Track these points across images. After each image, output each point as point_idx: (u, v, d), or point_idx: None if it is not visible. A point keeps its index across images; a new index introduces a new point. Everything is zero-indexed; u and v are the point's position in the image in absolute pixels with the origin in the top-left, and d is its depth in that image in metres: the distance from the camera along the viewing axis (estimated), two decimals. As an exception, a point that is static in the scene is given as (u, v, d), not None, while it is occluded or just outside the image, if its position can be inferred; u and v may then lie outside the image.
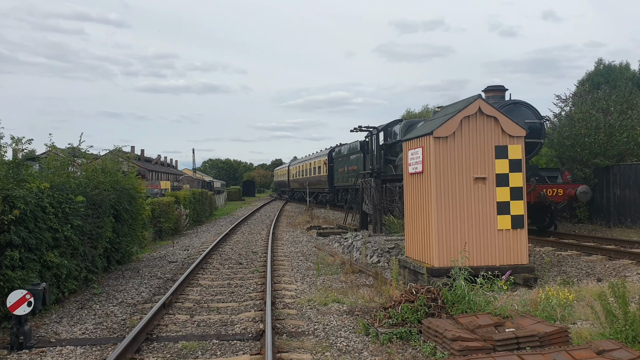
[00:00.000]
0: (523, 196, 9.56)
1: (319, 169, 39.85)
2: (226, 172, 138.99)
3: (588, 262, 10.90)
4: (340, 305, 8.38)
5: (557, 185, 15.28)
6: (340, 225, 21.85)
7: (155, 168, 73.96)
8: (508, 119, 9.64)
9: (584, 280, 9.51)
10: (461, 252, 8.73)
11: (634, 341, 5.53)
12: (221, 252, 15.61)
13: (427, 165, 9.55)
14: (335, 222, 23.64)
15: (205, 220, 29.19)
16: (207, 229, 24.10)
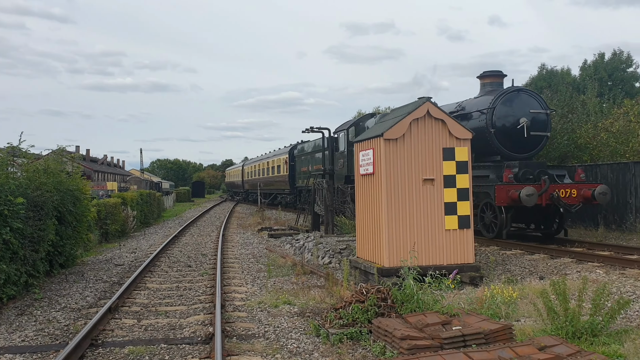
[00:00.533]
0: (469, 197, 9.82)
1: (278, 168, 36.87)
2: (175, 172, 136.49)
3: (531, 260, 11.28)
4: (292, 307, 8.36)
5: (571, 185, 13.17)
6: (292, 226, 21.82)
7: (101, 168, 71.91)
8: (455, 122, 9.88)
9: (527, 278, 9.83)
10: (410, 252, 8.87)
11: (573, 336, 5.76)
12: (170, 254, 15.31)
13: (378, 167, 9.66)
14: (287, 224, 23.60)
15: (154, 222, 28.58)
16: (155, 231, 23.60)
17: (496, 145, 14.03)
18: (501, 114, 14.03)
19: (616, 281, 8.46)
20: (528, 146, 14.23)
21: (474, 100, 15.05)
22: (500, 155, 14.22)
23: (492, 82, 15.10)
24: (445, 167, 9.74)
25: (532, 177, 13.46)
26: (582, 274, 9.23)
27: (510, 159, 13.98)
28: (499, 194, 12.59)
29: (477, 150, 13.79)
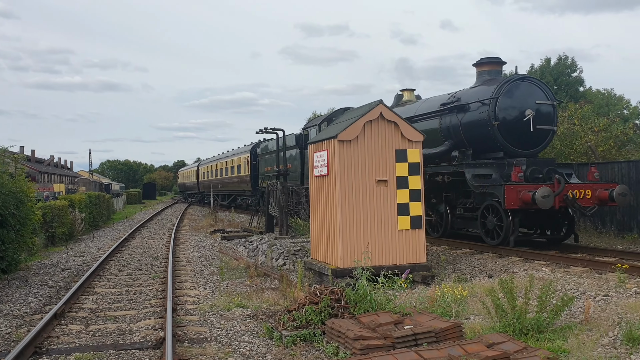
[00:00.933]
0: (421, 197, 9.98)
1: (238, 168, 33.92)
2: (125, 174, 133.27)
3: (480, 259, 11.56)
4: (244, 310, 8.28)
5: (585, 185, 11.67)
6: (245, 228, 21.65)
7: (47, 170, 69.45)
8: (407, 124, 10.02)
9: (476, 276, 10.06)
10: (364, 253, 8.94)
11: (520, 333, 5.92)
12: (119, 257, 14.92)
13: (332, 168, 9.70)
14: (241, 225, 23.40)
15: (103, 225, 27.82)
16: (105, 234, 22.97)
17: (499, 140, 12.53)
18: (505, 105, 12.51)
19: (561, 279, 8.76)
20: (533, 141, 12.79)
21: (471, 90, 13.59)
22: (503, 151, 12.73)
23: (490, 71, 13.58)
24: (398, 169, 9.86)
25: (541, 176, 12.05)
26: (529, 272, 9.51)
27: (515, 156, 12.58)
28: (508, 195, 11.03)
29: (476, 146, 13.16)
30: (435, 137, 13.84)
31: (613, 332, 5.92)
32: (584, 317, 6.45)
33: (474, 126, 12.98)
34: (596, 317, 6.54)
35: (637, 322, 6.05)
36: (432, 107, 14.45)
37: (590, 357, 5.32)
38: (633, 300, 7.02)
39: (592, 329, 6.12)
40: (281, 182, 17.30)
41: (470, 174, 12.28)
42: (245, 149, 33.13)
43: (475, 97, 13.07)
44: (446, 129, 13.74)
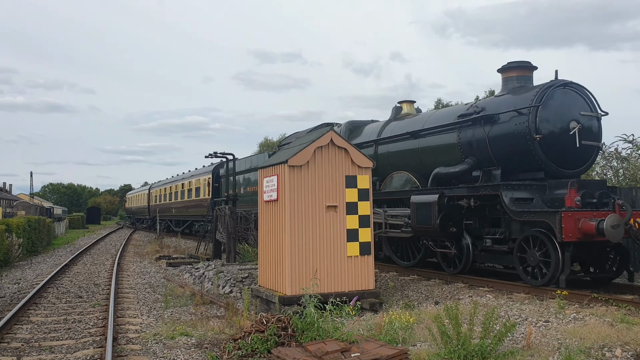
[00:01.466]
0: (370, 224, 10.06)
1: (197, 191, 30.91)
2: (69, 197, 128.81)
3: (427, 286, 11.68)
4: (189, 339, 8.04)
5: None
6: (192, 254, 21.20)
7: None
8: (357, 151, 10.13)
9: (423, 303, 10.15)
10: (312, 279, 8.88)
11: (465, 359, 5.98)
12: (58, 284, 14.28)
13: (282, 193, 9.66)
14: (187, 252, 22.90)
15: (42, 250, 26.64)
16: (44, 260, 21.99)
17: (540, 157, 10.35)
18: (547, 116, 10.38)
19: (504, 305, 8.94)
20: (578, 160, 10.81)
21: (499, 99, 11.54)
22: (544, 171, 10.56)
23: (519, 77, 11.45)
24: (347, 195, 9.92)
25: (594, 201, 9.79)
26: (473, 298, 9.67)
27: (556, 177, 10.47)
28: (566, 224, 8.90)
29: (508, 164, 10.98)
30: (451, 154, 11.91)
31: (553, 358, 6.06)
32: (526, 343, 6.58)
33: (507, 140, 10.81)
34: (537, 342, 6.69)
35: (575, 347, 6.22)
36: (446, 118, 12.31)
37: (532, 382, 5.41)
38: (572, 326, 7.23)
39: (534, 354, 6.25)
40: (229, 208, 17.08)
41: (508, 197, 10.03)
42: (205, 170, 30.12)
43: (508, 105, 10.90)
44: (467, 144, 11.59)
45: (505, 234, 10.64)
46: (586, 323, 7.29)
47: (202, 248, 21.87)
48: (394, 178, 13.58)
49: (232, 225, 16.74)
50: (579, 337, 6.61)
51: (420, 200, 11.75)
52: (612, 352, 6.03)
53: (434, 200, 11.29)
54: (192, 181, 32.56)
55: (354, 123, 15.79)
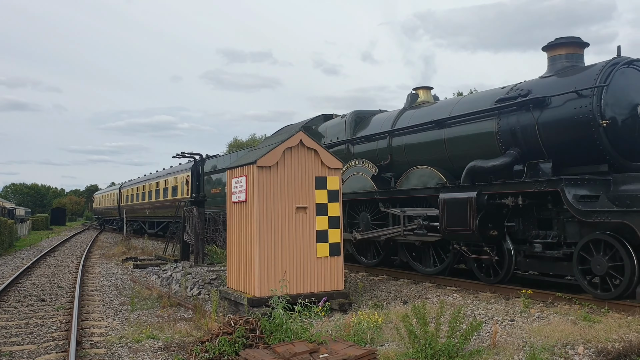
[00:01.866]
0: (340, 224, 10.08)
1: (174, 190, 28.38)
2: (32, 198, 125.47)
3: (396, 285, 11.75)
4: (155, 341, 7.92)
5: None
6: (159, 256, 20.91)
7: (-58, 193, 64.18)
8: (327, 152, 10.14)
9: (392, 303, 10.21)
10: (281, 281, 8.84)
11: (432, 358, 6.03)
12: (20, 287, 13.90)
13: (251, 194, 9.60)
14: (155, 253, 22.57)
15: (3, 253, 25.89)
16: (5, 262, 21.38)
17: (606, 147, 8.90)
18: (614, 99, 8.95)
19: (471, 304, 9.06)
20: None
21: (547, 80, 9.93)
22: (609, 163, 9.06)
23: (569, 55, 10.00)
24: (317, 196, 9.92)
25: None
26: (441, 297, 9.78)
27: (621, 170, 9.01)
28: None
29: (562, 156, 9.46)
30: (487, 145, 10.32)
31: (518, 356, 6.16)
32: (492, 342, 6.68)
33: (563, 127, 9.27)
34: (503, 341, 6.80)
35: (540, 345, 6.34)
36: (480, 104, 10.71)
37: (498, 380, 5.49)
38: (537, 325, 7.37)
39: (499, 353, 6.34)
40: (197, 208, 16.90)
41: (572, 194, 8.46)
42: (184, 167, 27.02)
43: (560, 88, 9.40)
44: (509, 133, 9.97)
45: (560, 237, 8.96)
46: (550, 321, 7.44)
47: (170, 249, 21.60)
48: (414, 174, 11.93)
49: (200, 227, 16.56)
50: (543, 335, 6.74)
51: (453, 198, 10.01)
52: (575, 349, 6.16)
53: (471, 199, 9.62)
54: (167, 179, 30.25)
55: (361, 113, 14.46)
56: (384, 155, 12.84)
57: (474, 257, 10.36)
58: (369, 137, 13.37)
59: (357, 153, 13.81)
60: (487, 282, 10.19)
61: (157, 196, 32.23)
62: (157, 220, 32.71)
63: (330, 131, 14.97)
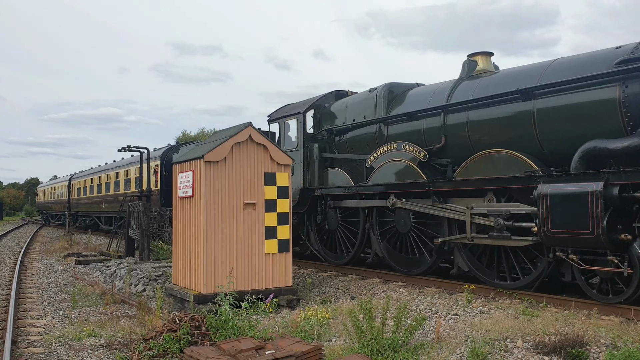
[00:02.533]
0: (289, 221, 10.06)
1: (138, 181, 22.17)
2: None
3: (344, 281, 11.85)
4: (97, 340, 7.70)
5: None
6: (103, 252, 20.33)
7: None
8: (277, 148, 10.10)
9: (340, 298, 10.28)
10: (228, 277, 8.75)
11: (377, 353, 6.11)
12: (-48, 285, 13.22)
13: (198, 190, 9.45)
14: (98, 249, 21.92)
15: None
16: (-64, 259, 20.28)
17: None
18: None
19: (416, 299, 9.23)
20: None
21: None
22: None
23: None
24: (266, 192, 9.87)
25: None
26: (387, 293, 9.91)
27: None
28: None
29: None
30: (604, 120, 8.02)
31: (460, 349, 6.32)
32: (435, 336, 6.83)
33: None
34: (446, 335, 6.96)
35: (481, 339, 6.52)
36: (588, 67, 8.34)
37: (440, 373, 5.62)
38: (478, 319, 7.58)
39: (442, 346, 6.49)
40: (143, 203, 16.52)
41: None
42: (152, 155, 22.12)
43: None
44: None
45: None
46: (491, 316, 7.67)
47: (114, 245, 21.03)
48: (483, 159, 9.34)
49: (146, 222, 16.20)
50: (485, 329, 6.94)
51: (564, 192, 7.66)
52: (514, 343, 6.37)
53: (595, 192, 7.26)
54: (131, 169, 25.49)
55: (394, 87, 11.76)
56: (434, 136, 10.26)
57: (591, 268, 7.73)
58: (412, 115, 10.75)
59: (394, 135, 11.20)
60: (605, 301, 7.67)
61: (117, 188, 27.66)
62: (115, 215, 26.21)
63: (353, 109, 12.36)
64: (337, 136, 12.90)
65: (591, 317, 7.26)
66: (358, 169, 12.35)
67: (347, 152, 12.68)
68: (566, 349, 5.84)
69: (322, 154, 13.05)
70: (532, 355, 5.98)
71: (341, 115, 12.77)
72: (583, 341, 5.99)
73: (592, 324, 6.82)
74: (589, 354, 5.83)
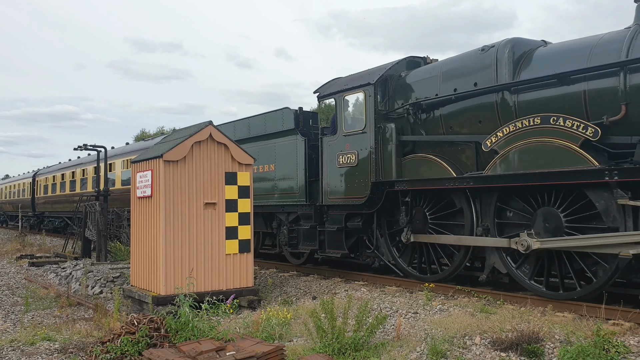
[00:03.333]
0: (250, 221, 9.99)
1: (124, 177, 21.74)
2: None
3: (306, 281, 11.85)
4: (52, 343, 7.47)
5: None
6: (58, 253, 19.75)
7: None
8: (238, 147, 10.01)
9: (302, 298, 10.27)
10: (188, 278, 8.63)
11: (339, 353, 6.13)
12: None
13: (157, 189, 9.28)
14: (53, 250, 21.30)
15: None
16: None
17: None
18: None
19: (377, 298, 9.31)
20: None
21: None
22: None
23: None
24: (227, 191, 9.77)
25: None
26: (349, 292, 9.96)
27: None
28: None
29: None
30: None
31: (420, 347, 6.40)
32: (396, 334, 6.89)
33: None
34: (406, 333, 7.04)
35: (440, 337, 6.62)
36: None
37: (401, 371, 5.68)
38: (438, 317, 7.70)
39: (403, 345, 6.56)
40: (100, 203, 16.14)
41: None
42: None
43: None
44: None
45: None
46: (450, 314, 7.80)
47: (70, 246, 20.46)
48: None
49: (103, 222, 15.82)
50: (444, 327, 7.04)
51: None
52: (472, 340, 6.49)
53: None
54: (115, 162, 22.88)
55: (521, 43, 8.89)
56: (606, 105, 7.43)
57: None
58: (564, 77, 7.87)
59: (529, 105, 8.29)
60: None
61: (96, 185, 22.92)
62: None
63: (454, 75, 9.47)
64: (426, 113, 9.87)
65: (546, 313, 7.48)
66: (461, 156, 9.42)
67: (442, 133, 9.69)
68: (522, 345, 5.99)
69: (401, 136, 10.13)
70: (490, 352, 6.10)
71: (428, 85, 9.86)
72: (538, 337, 6.15)
73: (547, 321, 7.01)
74: (544, 350, 6.00)
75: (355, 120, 11.04)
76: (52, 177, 32.33)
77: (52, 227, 31.92)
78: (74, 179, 28.11)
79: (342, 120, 11.05)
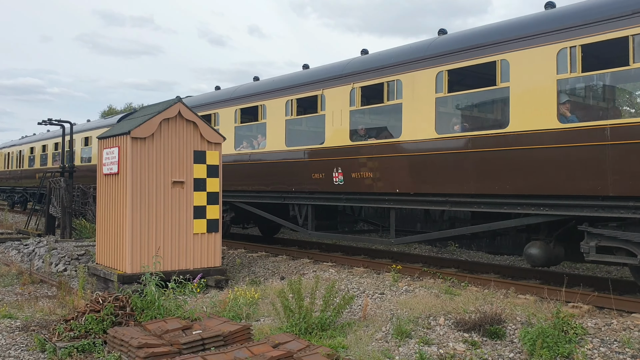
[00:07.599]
0: (219, 201, 9.91)
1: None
2: None
3: (274, 262, 11.86)
4: (13, 321, 7.32)
5: None
6: (20, 230, 19.29)
7: None
8: (207, 126, 9.88)
9: (270, 279, 10.29)
10: (154, 257, 8.54)
11: (306, 332, 6.17)
12: None
13: (123, 167, 9.12)
14: (15, 227, 20.79)
15: None
16: None
17: None
18: None
19: (345, 279, 9.38)
20: None
21: None
22: None
23: None
24: (196, 170, 9.66)
25: None
26: (317, 273, 10.01)
27: None
28: None
29: None
30: None
31: (386, 327, 6.49)
32: (362, 314, 6.97)
33: None
34: (373, 313, 7.12)
35: (405, 317, 6.72)
36: None
37: (365, 351, 5.76)
38: (404, 298, 7.81)
39: (369, 324, 6.64)
40: (64, 179, 15.78)
41: None
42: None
43: None
44: None
45: None
46: (416, 295, 7.92)
47: (33, 223, 20.00)
48: None
49: (68, 199, 15.49)
50: (409, 307, 7.15)
51: None
52: (437, 320, 6.61)
53: None
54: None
55: None
56: None
57: None
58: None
59: None
60: None
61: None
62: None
63: None
64: None
65: (509, 296, 7.66)
66: None
67: None
68: (485, 326, 6.12)
69: None
70: (453, 332, 6.23)
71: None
72: (501, 319, 6.30)
73: (509, 303, 7.18)
74: (506, 331, 6.15)
75: None
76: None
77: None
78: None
79: None
